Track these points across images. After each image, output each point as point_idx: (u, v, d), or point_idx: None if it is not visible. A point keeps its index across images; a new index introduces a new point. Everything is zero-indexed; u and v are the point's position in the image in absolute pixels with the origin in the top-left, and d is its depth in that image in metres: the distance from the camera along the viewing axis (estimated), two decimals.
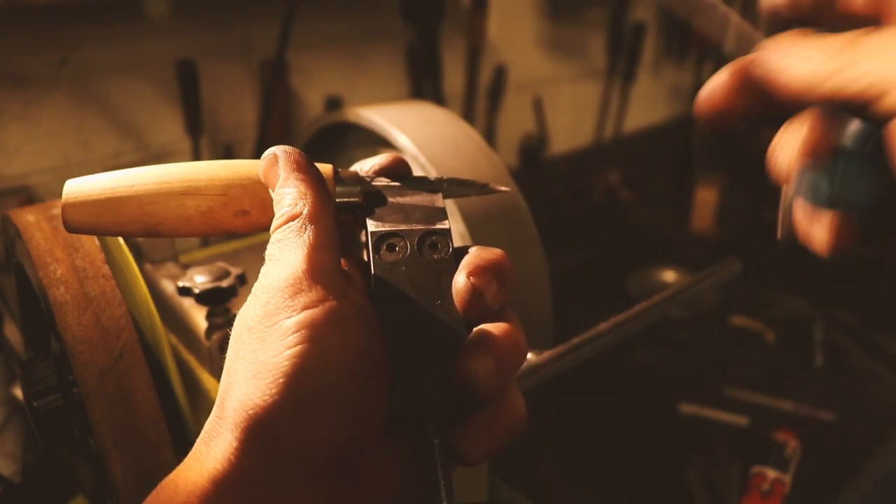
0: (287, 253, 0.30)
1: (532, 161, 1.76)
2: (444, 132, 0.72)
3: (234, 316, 0.63)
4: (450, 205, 0.66)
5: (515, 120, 1.73)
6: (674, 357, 1.24)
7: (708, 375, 1.19)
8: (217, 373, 0.60)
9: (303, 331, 0.28)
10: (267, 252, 0.31)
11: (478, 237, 0.65)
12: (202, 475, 0.27)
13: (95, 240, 0.52)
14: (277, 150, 0.33)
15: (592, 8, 1.87)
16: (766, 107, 0.27)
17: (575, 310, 1.27)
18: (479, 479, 0.71)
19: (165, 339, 0.53)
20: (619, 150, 1.97)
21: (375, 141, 0.77)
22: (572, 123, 1.93)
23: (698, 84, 2.29)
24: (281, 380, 0.27)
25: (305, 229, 0.30)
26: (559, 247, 1.42)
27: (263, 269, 0.30)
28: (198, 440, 0.29)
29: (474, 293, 0.31)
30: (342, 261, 0.33)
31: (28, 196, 1.06)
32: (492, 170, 0.71)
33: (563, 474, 0.99)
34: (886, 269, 1.48)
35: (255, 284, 0.30)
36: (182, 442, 0.52)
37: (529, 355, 0.55)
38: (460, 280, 0.31)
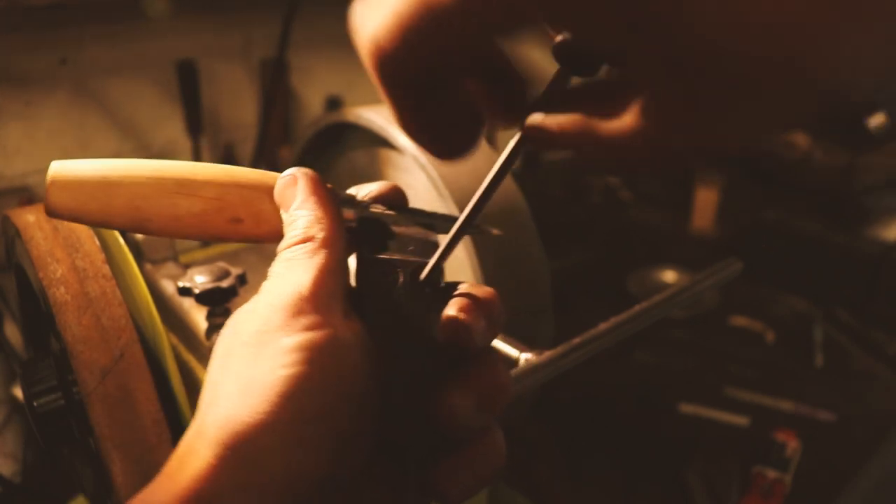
0: (294, 273, 0.29)
1: (532, 161, 1.76)
2: None
3: None
4: (450, 204, 0.66)
5: None
6: (674, 357, 1.24)
7: (708, 375, 1.19)
8: None
9: (302, 352, 0.27)
10: (272, 269, 0.30)
11: (477, 238, 0.65)
12: (171, 493, 0.25)
13: (95, 240, 0.52)
14: (297, 172, 0.33)
15: None
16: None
17: (575, 310, 1.27)
18: None
19: (166, 339, 0.53)
20: None
21: (375, 141, 0.77)
22: None
23: None
24: (274, 399, 0.26)
25: (318, 252, 0.30)
26: (559, 247, 1.42)
27: (266, 286, 0.30)
28: (171, 457, 0.28)
29: (462, 329, 0.30)
30: None
31: (28, 196, 1.06)
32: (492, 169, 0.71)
33: (562, 474, 0.99)
34: (886, 269, 1.48)
35: (255, 299, 0.30)
36: None
37: (529, 355, 0.55)
38: (448, 315, 0.31)
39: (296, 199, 0.32)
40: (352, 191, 0.36)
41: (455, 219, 0.35)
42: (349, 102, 1.36)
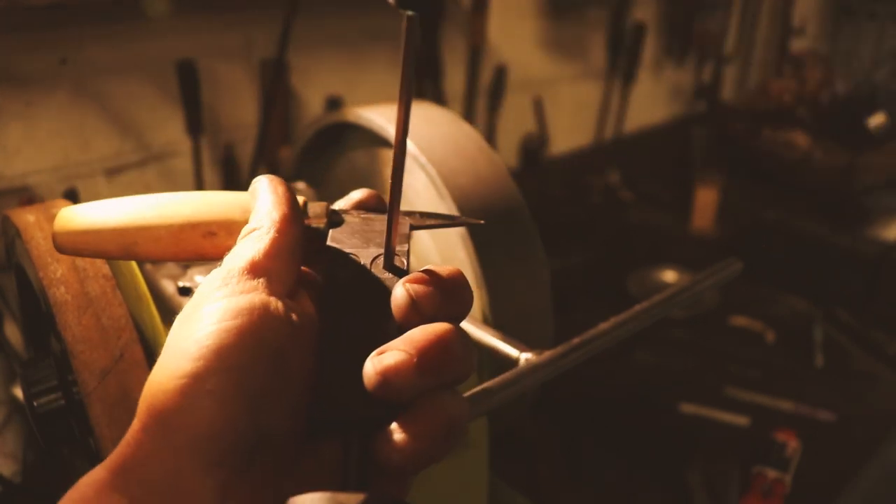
0: (233, 254, 0.31)
1: (532, 161, 1.76)
2: (444, 132, 0.72)
3: None
4: (449, 203, 0.66)
5: (515, 120, 1.73)
6: (674, 357, 1.24)
7: (708, 375, 1.19)
8: None
9: (217, 314, 0.28)
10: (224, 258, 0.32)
11: (477, 237, 0.65)
12: (105, 465, 0.27)
13: None
14: (262, 177, 0.36)
15: (592, 8, 1.87)
16: None
17: (575, 310, 1.27)
18: (479, 479, 0.71)
19: (166, 339, 0.53)
20: (619, 150, 1.97)
21: (375, 141, 0.77)
22: (572, 123, 1.93)
23: (698, 84, 2.31)
24: (187, 358, 0.27)
25: (261, 239, 0.32)
26: (559, 247, 1.42)
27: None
28: None
29: (410, 302, 0.30)
30: (303, 291, 0.33)
31: (28, 196, 1.06)
32: (492, 169, 0.71)
33: (563, 474, 0.99)
34: (886, 269, 1.48)
35: None
36: None
37: (529, 355, 0.55)
38: (398, 289, 0.31)
39: (258, 199, 0.35)
40: (340, 202, 0.39)
41: (430, 214, 0.38)
42: (349, 102, 1.36)
